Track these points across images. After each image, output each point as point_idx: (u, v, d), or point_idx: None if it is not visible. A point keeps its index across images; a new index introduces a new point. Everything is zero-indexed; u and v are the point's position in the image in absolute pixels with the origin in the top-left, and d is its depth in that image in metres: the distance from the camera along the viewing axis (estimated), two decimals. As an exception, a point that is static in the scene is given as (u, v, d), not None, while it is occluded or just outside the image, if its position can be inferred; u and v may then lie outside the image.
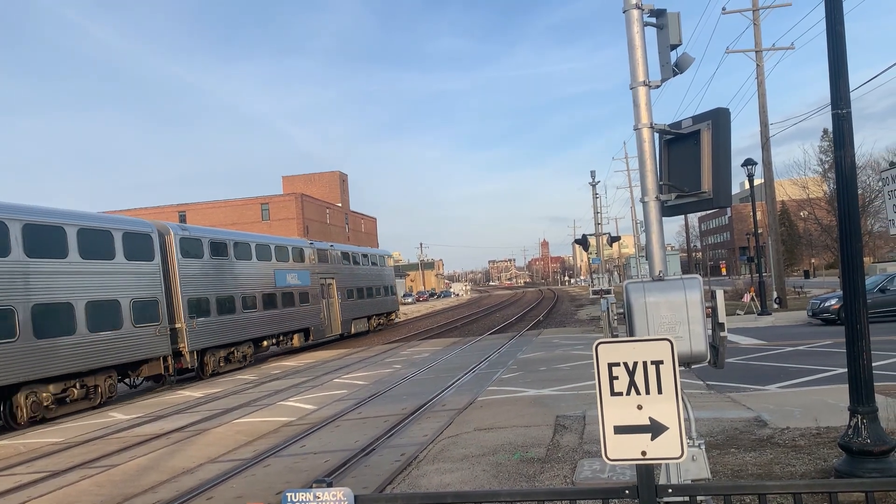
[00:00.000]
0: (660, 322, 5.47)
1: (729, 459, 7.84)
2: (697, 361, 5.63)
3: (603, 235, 53.00)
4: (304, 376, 21.99)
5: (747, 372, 14.82)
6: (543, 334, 30.29)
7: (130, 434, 14.36)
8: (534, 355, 21.59)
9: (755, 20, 31.29)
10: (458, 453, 9.72)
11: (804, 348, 18.11)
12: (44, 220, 18.20)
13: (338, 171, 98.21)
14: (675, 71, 6.31)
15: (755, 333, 22.81)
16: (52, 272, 18.14)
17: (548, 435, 10.22)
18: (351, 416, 14.20)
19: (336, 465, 9.94)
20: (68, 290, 18.48)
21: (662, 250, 6.17)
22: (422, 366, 21.86)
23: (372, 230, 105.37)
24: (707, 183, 6.06)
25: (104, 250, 20.04)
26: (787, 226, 76.26)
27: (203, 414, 16.05)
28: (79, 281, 18.84)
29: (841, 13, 6.46)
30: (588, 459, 8.52)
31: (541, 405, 12.84)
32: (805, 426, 9.10)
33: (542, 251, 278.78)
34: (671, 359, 3.13)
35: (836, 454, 7.07)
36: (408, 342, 32.56)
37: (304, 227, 74.34)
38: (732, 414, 10.44)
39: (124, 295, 20.33)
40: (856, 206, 6.62)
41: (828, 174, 49.00)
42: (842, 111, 6.43)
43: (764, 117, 31.44)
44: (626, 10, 6.20)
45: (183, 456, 11.79)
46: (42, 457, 12.90)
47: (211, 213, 72.56)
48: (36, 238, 17.76)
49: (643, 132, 6.19)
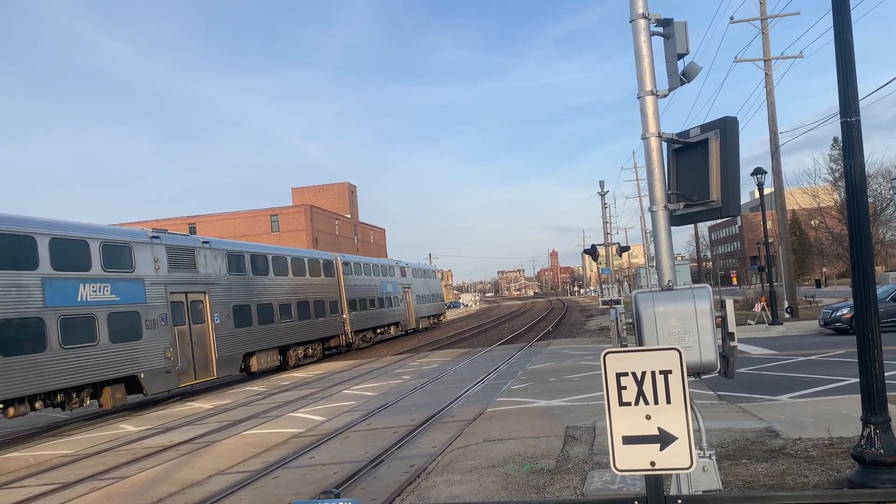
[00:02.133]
0: (669, 332, 5.44)
1: (740, 470, 7.77)
2: (707, 371, 5.60)
3: (612, 245, 52.93)
4: (313, 387, 21.97)
5: (758, 382, 14.71)
6: (553, 345, 30.18)
7: (139, 446, 14.38)
8: (543, 366, 21.51)
9: (763, 29, 31.27)
10: (467, 465, 9.67)
11: (816, 358, 17.97)
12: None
13: (346, 183, 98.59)
14: (683, 80, 6.30)
15: (766, 343, 22.65)
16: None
17: (557, 446, 10.16)
18: (360, 427, 14.17)
19: (345, 477, 9.90)
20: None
21: (671, 260, 6.14)
22: (431, 376, 21.81)
23: (381, 241, 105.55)
24: (715, 192, 6.04)
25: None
26: (798, 235, 75.93)
27: (212, 426, 16.05)
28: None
29: (849, 21, 6.44)
30: (598, 471, 8.46)
31: (550, 416, 12.78)
32: (817, 437, 9.00)
33: (552, 261, 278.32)
34: (680, 368, 3.11)
35: (849, 465, 6.99)
36: (417, 353, 32.51)
37: (314, 239, 74.55)
38: (744, 424, 10.35)
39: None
40: (866, 214, 6.57)
41: (838, 183, 48.79)
42: (851, 119, 6.40)
43: (773, 126, 31.35)
44: (632, 19, 6.21)
45: (192, 468, 11.79)
46: (51, 469, 12.92)
47: (221, 225, 72.88)
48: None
49: (651, 141, 6.18)
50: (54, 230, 18.13)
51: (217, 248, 25.60)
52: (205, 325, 23.54)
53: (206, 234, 63.57)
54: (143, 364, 20.14)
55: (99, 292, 19.07)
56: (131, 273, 20.53)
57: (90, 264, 18.98)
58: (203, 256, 24.37)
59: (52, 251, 17.64)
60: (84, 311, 18.39)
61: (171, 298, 21.82)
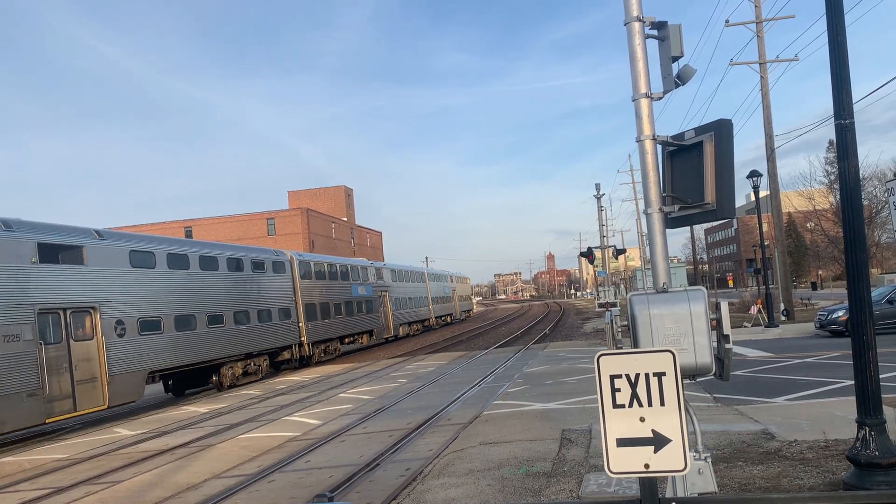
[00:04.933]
0: (664, 334, 5.45)
1: (736, 473, 7.76)
2: (702, 374, 5.60)
3: (608, 248, 52.89)
4: (309, 391, 21.94)
5: (755, 384, 14.72)
6: (549, 348, 30.17)
7: (135, 450, 14.33)
8: (539, 369, 21.50)
9: (759, 32, 31.34)
10: (463, 468, 9.66)
11: (812, 360, 17.99)
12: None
13: (343, 186, 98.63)
14: (677, 83, 6.32)
15: (762, 346, 22.67)
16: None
17: (553, 449, 10.15)
18: (356, 430, 14.14)
19: (340, 481, 9.88)
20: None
21: (666, 262, 6.15)
22: (427, 380, 21.78)
23: (378, 244, 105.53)
24: (710, 194, 6.05)
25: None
26: (794, 237, 76.09)
27: (208, 429, 16.01)
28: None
29: (843, 24, 6.46)
30: (594, 473, 8.45)
31: (546, 419, 12.77)
32: (813, 439, 9.01)
33: (548, 264, 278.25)
34: (673, 370, 3.11)
35: (845, 467, 7.00)
36: (413, 356, 32.48)
37: (310, 242, 74.51)
38: (739, 427, 10.35)
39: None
40: (860, 216, 6.59)
41: (834, 185, 48.94)
42: (845, 121, 6.41)
43: (769, 129, 31.42)
44: (627, 22, 6.22)
45: (187, 472, 11.75)
46: (47, 473, 12.87)
47: (217, 229, 72.86)
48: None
49: (646, 144, 6.19)
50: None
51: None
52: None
53: (202, 237, 63.63)
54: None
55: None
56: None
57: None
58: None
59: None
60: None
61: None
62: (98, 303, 19.11)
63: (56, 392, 17.21)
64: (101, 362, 18.92)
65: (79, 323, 18.55)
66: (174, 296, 22.63)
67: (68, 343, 18.01)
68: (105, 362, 18.97)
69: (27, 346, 16.61)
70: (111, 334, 19.38)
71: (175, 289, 22.82)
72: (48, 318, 17.50)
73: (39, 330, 17.05)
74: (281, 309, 29.57)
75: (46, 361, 17.03)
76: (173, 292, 22.66)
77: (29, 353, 16.60)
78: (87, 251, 19.33)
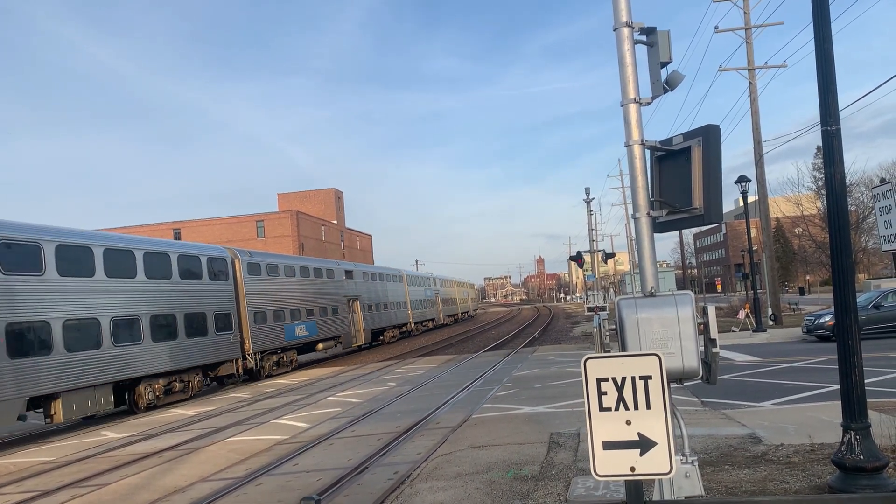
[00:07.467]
0: (652, 338, 5.48)
1: (723, 476, 7.80)
2: (689, 377, 5.64)
3: (598, 252, 53.06)
4: (298, 394, 21.87)
5: (742, 389, 14.79)
6: (538, 351, 30.21)
7: (122, 453, 14.25)
8: (529, 372, 21.52)
9: (748, 39, 31.57)
10: (451, 471, 9.66)
11: (799, 365, 18.10)
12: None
13: (333, 189, 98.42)
14: (666, 88, 6.36)
15: (750, 350, 22.79)
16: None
17: (542, 452, 10.17)
18: (345, 434, 14.12)
19: (328, 484, 9.86)
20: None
21: (654, 266, 6.18)
22: (417, 383, 21.77)
23: (367, 247, 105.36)
24: (698, 199, 6.09)
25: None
26: (782, 243, 76.56)
27: (195, 432, 15.94)
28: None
29: (829, 32, 6.52)
30: (582, 477, 8.46)
31: (535, 423, 12.79)
32: (799, 443, 9.07)
33: (538, 268, 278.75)
34: (660, 374, 3.13)
35: (830, 471, 7.04)
36: (403, 359, 32.45)
37: (300, 245, 74.34)
38: (727, 431, 10.40)
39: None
40: (846, 221, 6.65)
41: (821, 191, 49.29)
42: (831, 128, 6.48)
43: (757, 134, 31.63)
44: (616, 27, 6.26)
45: (175, 475, 11.69)
46: (32, 476, 12.77)
47: (206, 231, 72.59)
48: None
49: (634, 149, 6.23)
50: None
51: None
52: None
53: (191, 239, 63.37)
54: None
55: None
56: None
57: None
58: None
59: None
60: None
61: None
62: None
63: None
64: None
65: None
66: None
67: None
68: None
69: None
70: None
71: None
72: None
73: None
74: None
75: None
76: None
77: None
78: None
